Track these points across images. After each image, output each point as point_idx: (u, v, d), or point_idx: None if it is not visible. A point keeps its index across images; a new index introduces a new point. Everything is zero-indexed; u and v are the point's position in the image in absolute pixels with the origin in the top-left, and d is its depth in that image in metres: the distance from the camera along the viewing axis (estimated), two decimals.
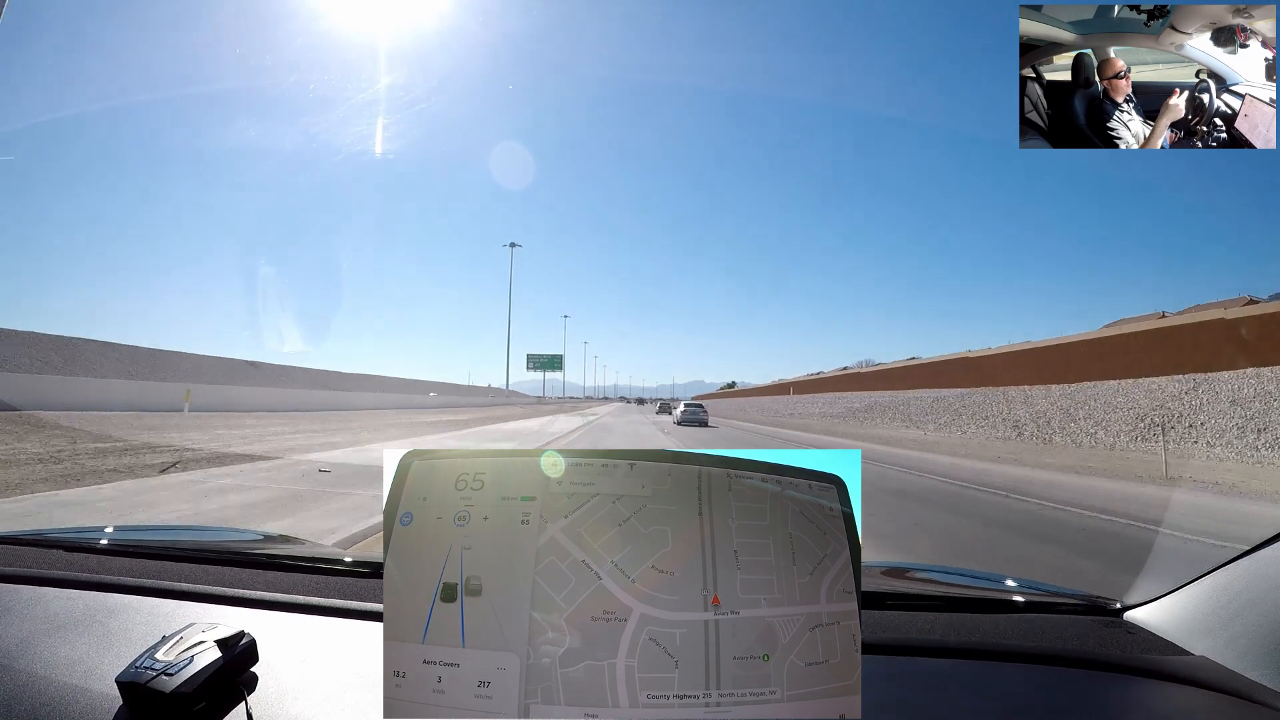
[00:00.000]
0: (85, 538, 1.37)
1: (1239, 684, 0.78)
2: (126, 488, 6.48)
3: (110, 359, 28.59)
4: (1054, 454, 15.55)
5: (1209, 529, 5.99)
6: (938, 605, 1.10)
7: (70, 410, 18.28)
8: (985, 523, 6.34)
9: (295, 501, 5.98)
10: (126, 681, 0.69)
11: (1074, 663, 0.89)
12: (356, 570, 1.17)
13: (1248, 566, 0.88)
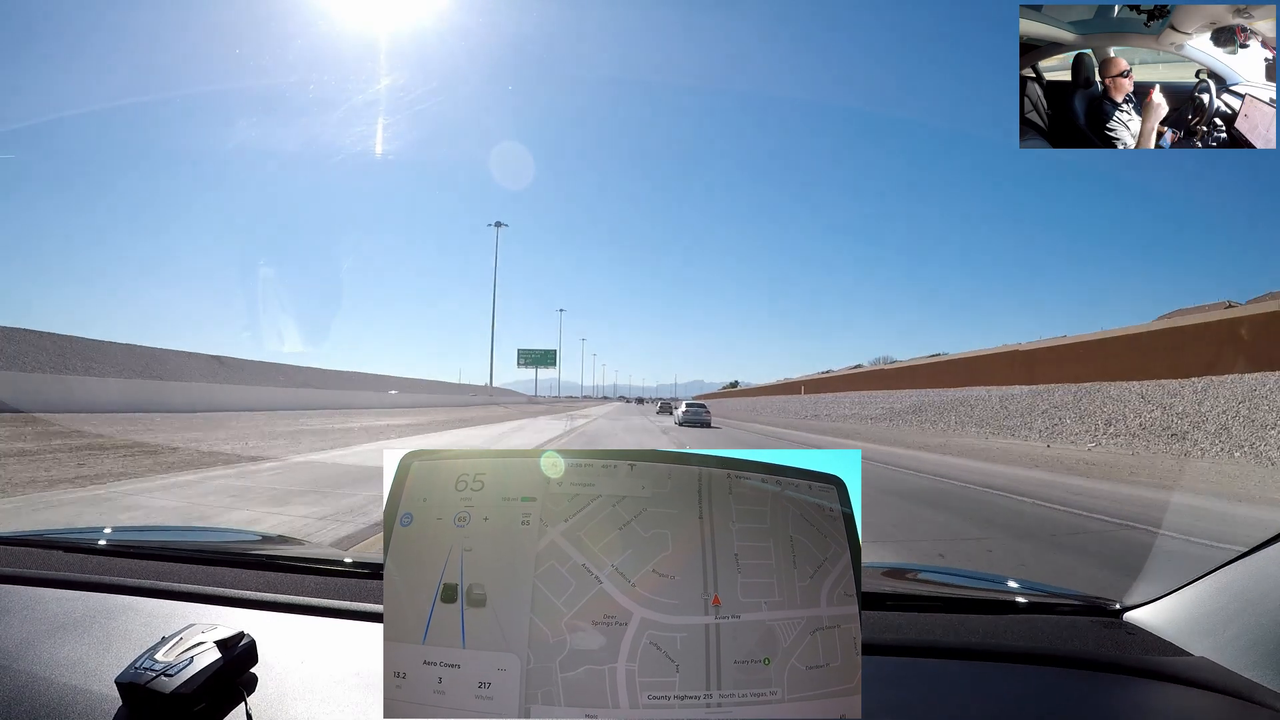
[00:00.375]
0: (85, 538, 1.37)
1: (1239, 684, 0.78)
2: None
3: (44, 350, 26.58)
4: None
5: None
6: (938, 606, 1.10)
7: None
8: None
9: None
10: (126, 682, 0.69)
11: (1074, 663, 0.88)
12: (356, 571, 1.16)
13: (1247, 567, 0.87)
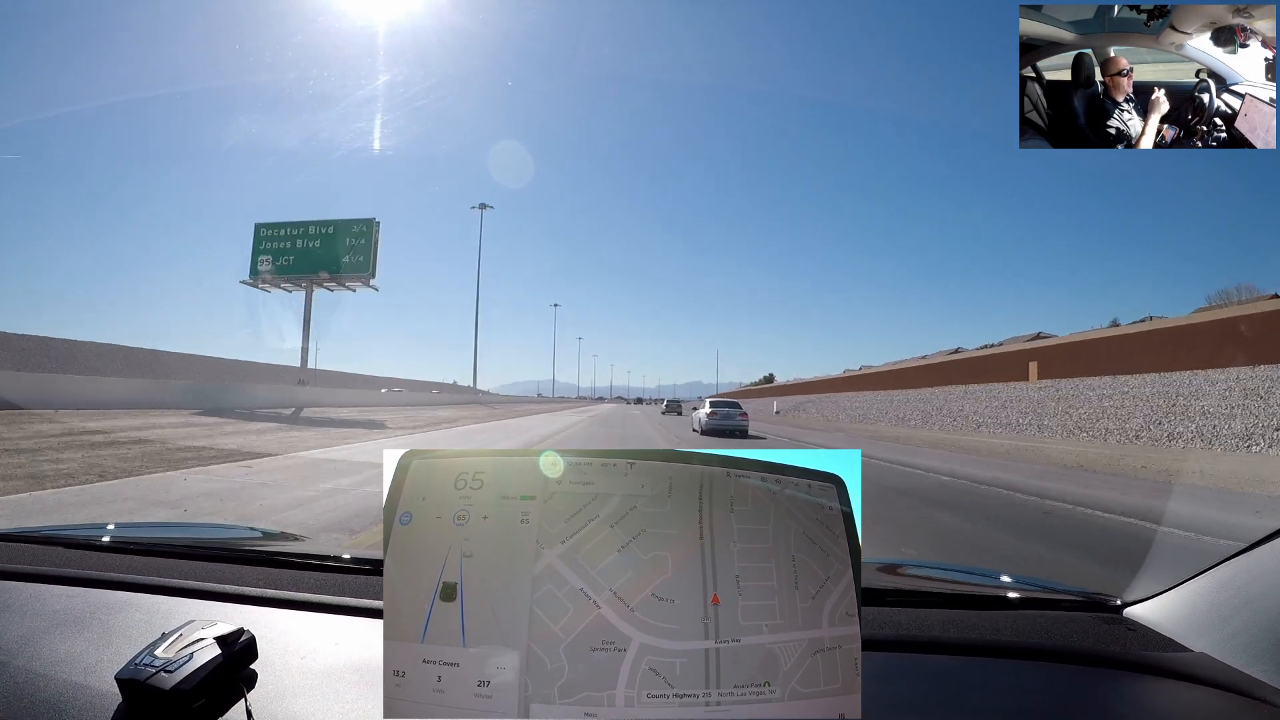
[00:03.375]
0: (85, 534, 1.36)
1: (1239, 680, 0.77)
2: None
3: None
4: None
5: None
6: (937, 602, 1.09)
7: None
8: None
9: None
10: (126, 678, 0.68)
11: (1073, 659, 0.88)
12: (356, 567, 1.15)
13: (1247, 563, 0.86)
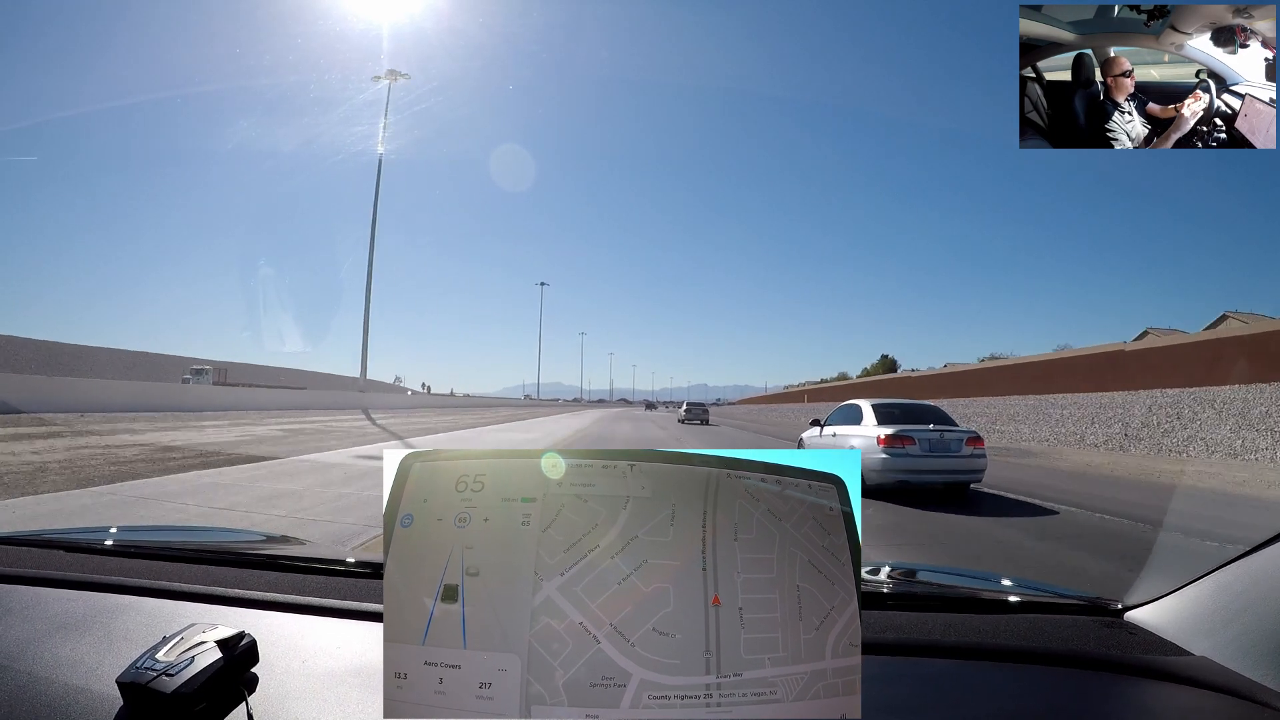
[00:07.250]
0: (86, 538, 1.34)
1: (1240, 684, 0.76)
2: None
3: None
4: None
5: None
6: (938, 605, 1.08)
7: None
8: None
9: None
10: (127, 682, 0.67)
11: (1074, 663, 0.86)
12: (358, 571, 1.14)
13: (1248, 566, 0.85)
